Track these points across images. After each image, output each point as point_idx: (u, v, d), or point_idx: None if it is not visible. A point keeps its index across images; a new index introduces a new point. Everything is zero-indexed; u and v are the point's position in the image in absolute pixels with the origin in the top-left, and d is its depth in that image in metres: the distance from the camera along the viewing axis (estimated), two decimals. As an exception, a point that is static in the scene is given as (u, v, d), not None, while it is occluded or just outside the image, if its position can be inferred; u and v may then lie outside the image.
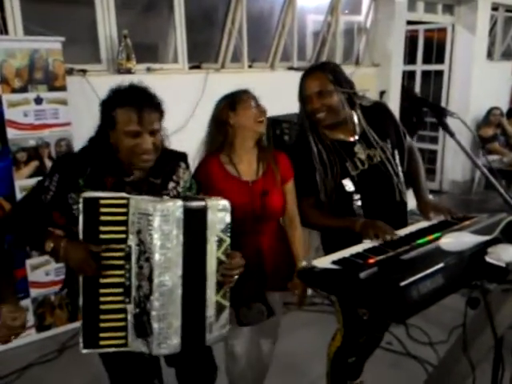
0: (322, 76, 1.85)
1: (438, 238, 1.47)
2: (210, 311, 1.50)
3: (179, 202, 1.41)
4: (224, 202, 1.50)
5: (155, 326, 1.40)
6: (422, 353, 2.78)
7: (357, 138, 1.93)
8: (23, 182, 2.84)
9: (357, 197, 1.88)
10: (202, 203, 1.47)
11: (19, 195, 2.81)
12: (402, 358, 2.79)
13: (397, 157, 1.98)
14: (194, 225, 1.44)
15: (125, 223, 1.41)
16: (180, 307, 1.43)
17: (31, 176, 2.86)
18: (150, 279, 1.38)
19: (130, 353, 1.50)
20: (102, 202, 1.40)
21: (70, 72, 3.24)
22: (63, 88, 2.97)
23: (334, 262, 1.41)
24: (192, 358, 1.73)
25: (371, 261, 1.37)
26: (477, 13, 5.97)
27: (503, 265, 1.36)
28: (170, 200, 1.43)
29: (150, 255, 1.38)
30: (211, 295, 1.50)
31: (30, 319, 3.01)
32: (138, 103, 1.47)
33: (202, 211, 1.46)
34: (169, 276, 1.40)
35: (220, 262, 1.50)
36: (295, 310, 3.30)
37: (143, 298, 1.40)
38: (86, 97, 3.26)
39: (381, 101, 2.04)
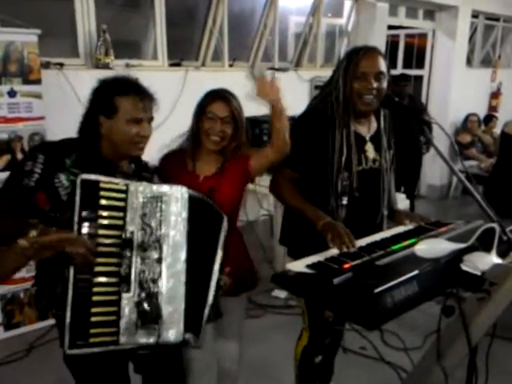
0: (382, 59, 1.79)
1: (413, 244, 1.46)
2: (211, 292, 1.55)
3: (184, 188, 1.47)
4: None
5: (165, 308, 1.37)
6: (395, 358, 2.78)
7: (369, 136, 1.89)
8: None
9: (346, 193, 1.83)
10: (218, 208, 1.60)
11: None
12: (375, 364, 2.79)
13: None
14: (203, 217, 1.52)
15: (123, 209, 1.36)
16: (184, 292, 1.42)
17: (2, 170, 2.78)
18: (160, 261, 1.38)
19: (100, 361, 1.44)
20: (103, 185, 1.34)
21: (46, 65, 3.18)
22: (38, 81, 2.91)
23: (308, 266, 1.39)
24: (161, 363, 1.69)
25: (346, 266, 1.35)
26: (457, 19, 6.06)
27: (479, 273, 1.36)
28: (176, 186, 1.47)
29: (160, 237, 1.38)
30: (213, 284, 1.55)
31: (-2, 317, 2.94)
32: (140, 91, 1.52)
33: (219, 215, 1.60)
34: (177, 258, 1.41)
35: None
36: (270, 313, 3.31)
37: (150, 283, 1.37)
38: (62, 91, 3.19)
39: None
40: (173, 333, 1.39)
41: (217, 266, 1.55)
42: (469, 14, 6.24)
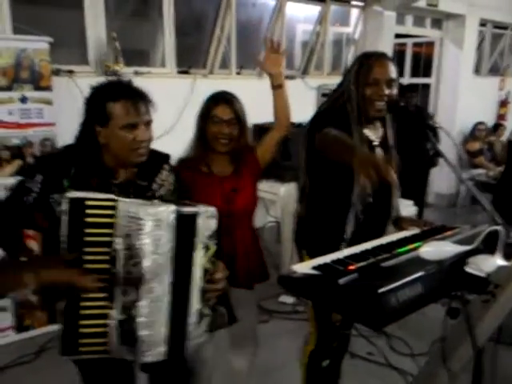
0: (393, 66, 1.81)
1: (419, 247, 1.47)
2: (192, 319, 1.47)
3: (172, 207, 1.37)
4: (212, 209, 1.48)
5: (142, 333, 1.35)
6: (403, 364, 2.77)
7: (378, 141, 1.91)
8: (5, 180, 2.80)
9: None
10: (193, 209, 1.44)
11: (1, 193, 2.78)
12: (383, 370, 2.77)
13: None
14: (185, 231, 1.41)
15: (111, 226, 1.35)
16: (167, 315, 1.39)
17: (14, 175, 2.84)
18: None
19: (105, 358, 1.45)
20: (88, 202, 1.33)
21: (57, 72, 3.25)
22: (49, 88, 2.97)
23: (314, 268, 1.40)
24: (167, 363, 1.71)
25: (351, 267, 1.36)
26: (465, 28, 6.08)
27: (483, 275, 1.36)
28: (162, 204, 1.39)
29: (140, 260, 1.33)
30: (194, 303, 1.46)
31: (9, 320, 2.98)
32: (132, 95, 1.46)
33: (193, 217, 1.43)
34: (158, 282, 1.36)
35: (205, 270, 1.47)
36: (278, 318, 3.31)
37: (130, 304, 1.35)
38: (72, 97, 3.24)
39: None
40: (150, 354, 1.37)
41: (197, 271, 1.45)
42: (476, 22, 6.26)
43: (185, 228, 1.41)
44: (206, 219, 1.46)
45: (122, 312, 1.36)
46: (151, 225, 1.33)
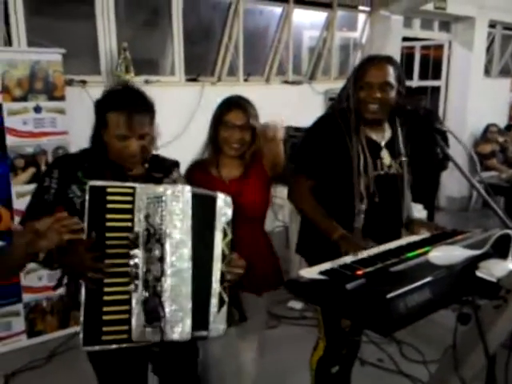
0: (390, 68, 1.83)
1: (428, 252, 1.46)
2: (214, 300, 1.52)
3: (188, 187, 1.47)
4: (229, 198, 1.58)
5: (167, 307, 1.39)
6: (414, 371, 2.74)
7: (384, 143, 1.93)
8: (20, 187, 2.90)
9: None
10: (211, 192, 1.54)
11: (16, 200, 2.89)
12: (394, 377, 2.75)
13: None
14: (202, 210, 1.49)
15: (131, 211, 1.41)
16: (191, 289, 1.43)
17: (28, 182, 2.91)
18: (162, 259, 1.39)
19: (122, 359, 1.50)
20: (109, 190, 1.40)
21: (69, 83, 3.31)
22: (62, 98, 3.03)
23: (321, 273, 1.39)
24: (177, 366, 1.73)
25: (359, 272, 1.35)
26: (474, 30, 6.03)
27: (494, 280, 1.34)
28: (179, 185, 1.50)
29: (161, 236, 1.40)
30: (216, 284, 1.52)
31: (21, 324, 3.03)
32: (129, 107, 1.49)
33: (211, 198, 1.53)
34: (180, 256, 1.42)
35: (224, 255, 1.54)
36: (286, 323, 3.30)
37: (153, 282, 1.39)
38: (84, 106, 3.26)
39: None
40: (177, 331, 1.41)
41: (218, 251, 1.53)
42: (486, 24, 6.20)
43: (203, 207, 1.50)
44: (224, 205, 1.56)
45: (145, 290, 1.39)
46: (170, 200, 1.41)
